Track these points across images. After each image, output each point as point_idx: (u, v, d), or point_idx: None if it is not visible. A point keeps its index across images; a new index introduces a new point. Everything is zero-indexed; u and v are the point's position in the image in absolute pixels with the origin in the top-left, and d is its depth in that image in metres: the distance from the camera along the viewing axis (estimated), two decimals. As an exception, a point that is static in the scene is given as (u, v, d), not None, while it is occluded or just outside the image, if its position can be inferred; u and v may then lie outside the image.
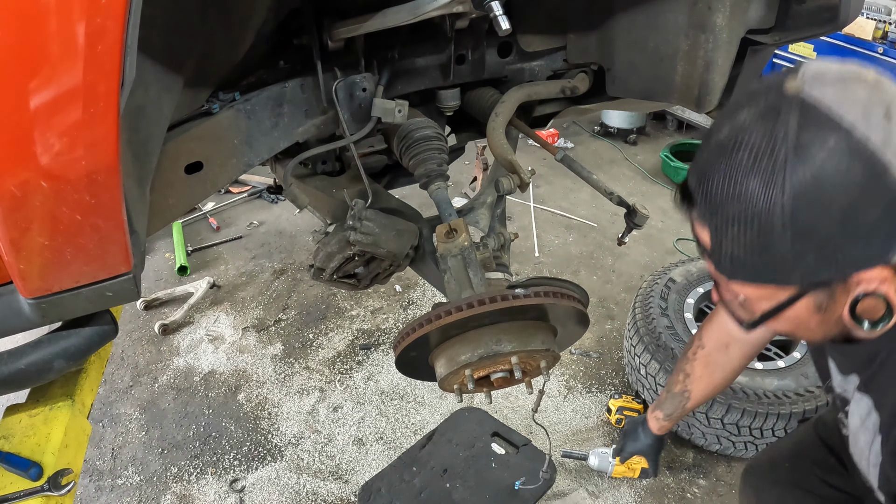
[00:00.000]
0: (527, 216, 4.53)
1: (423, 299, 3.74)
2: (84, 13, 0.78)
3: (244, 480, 2.71)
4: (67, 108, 0.84)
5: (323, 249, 1.71)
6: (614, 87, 1.73)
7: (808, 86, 0.79)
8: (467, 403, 2.99)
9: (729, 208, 0.81)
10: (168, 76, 1.15)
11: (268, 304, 3.74)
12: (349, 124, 1.56)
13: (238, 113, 1.42)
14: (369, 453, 2.82)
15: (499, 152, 1.64)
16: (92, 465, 2.79)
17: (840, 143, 0.75)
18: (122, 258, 1.07)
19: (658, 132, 5.88)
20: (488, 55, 1.76)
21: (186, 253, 4.12)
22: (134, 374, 3.28)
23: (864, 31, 4.02)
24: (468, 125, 2.09)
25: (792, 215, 0.77)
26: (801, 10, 1.42)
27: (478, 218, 1.75)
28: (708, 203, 0.84)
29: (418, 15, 1.23)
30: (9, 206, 0.90)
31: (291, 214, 4.64)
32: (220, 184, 1.47)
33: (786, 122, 0.77)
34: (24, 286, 1.05)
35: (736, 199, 0.80)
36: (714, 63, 1.47)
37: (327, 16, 1.45)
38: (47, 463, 1.33)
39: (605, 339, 3.42)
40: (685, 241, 4.30)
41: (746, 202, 0.79)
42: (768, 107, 0.79)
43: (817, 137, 0.75)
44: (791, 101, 0.78)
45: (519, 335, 1.31)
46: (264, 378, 3.23)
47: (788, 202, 0.76)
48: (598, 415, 2.96)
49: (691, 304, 2.94)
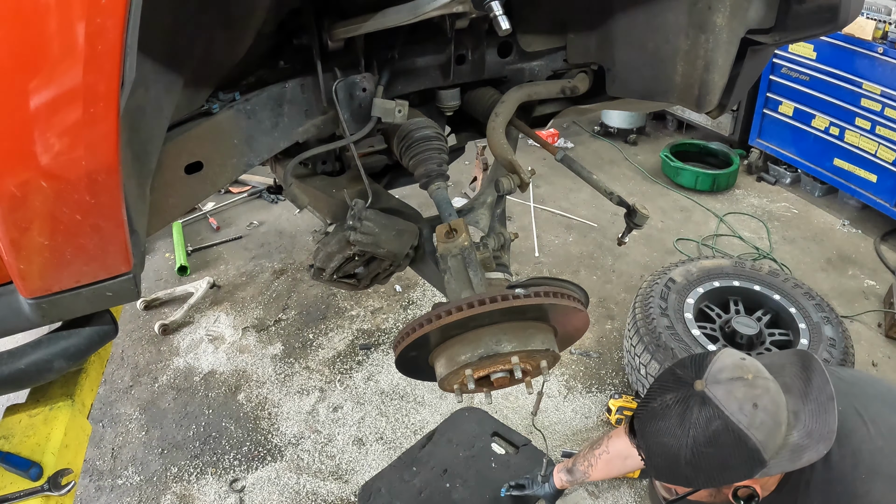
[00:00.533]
0: (527, 216, 4.53)
1: (423, 299, 3.74)
2: (84, 13, 0.78)
3: (244, 480, 2.71)
4: (67, 108, 0.84)
5: (323, 249, 1.71)
6: (614, 87, 1.73)
7: (709, 386, 1.29)
8: (467, 403, 2.99)
9: (655, 448, 1.37)
10: (168, 76, 1.15)
11: (268, 304, 3.74)
12: (349, 124, 1.55)
13: (238, 113, 1.42)
14: (369, 453, 2.82)
15: (499, 152, 1.64)
16: (92, 465, 2.79)
17: (721, 424, 1.27)
18: (122, 258, 1.07)
19: (658, 132, 5.89)
20: (488, 55, 1.76)
21: (186, 253, 4.12)
22: (134, 374, 3.28)
23: (864, 31, 4.02)
24: (468, 125, 2.09)
25: (691, 461, 1.30)
26: (801, 10, 1.42)
27: (478, 218, 1.74)
28: (645, 444, 1.41)
29: (418, 15, 1.23)
30: (9, 206, 0.90)
31: (291, 214, 4.64)
32: (220, 184, 1.47)
33: (692, 411, 1.29)
34: (24, 286, 1.05)
35: (660, 447, 1.35)
36: (714, 63, 1.47)
37: (327, 16, 1.45)
38: (47, 463, 1.33)
39: (605, 339, 3.42)
40: (685, 241, 4.31)
41: (666, 450, 1.34)
42: (684, 396, 1.31)
43: (709, 420, 1.27)
44: (696, 396, 1.30)
45: (519, 335, 1.31)
46: (264, 378, 3.23)
47: (689, 454, 1.30)
48: (598, 415, 2.96)
49: (691, 304, 2.94)
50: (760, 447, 1.27)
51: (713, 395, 1.28)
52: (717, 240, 4.33)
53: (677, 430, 1.30)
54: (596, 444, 2.04)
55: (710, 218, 4.58)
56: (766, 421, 1.28)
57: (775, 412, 1.30)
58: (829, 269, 4.02)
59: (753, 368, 1.33)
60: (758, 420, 1.27)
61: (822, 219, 4.57)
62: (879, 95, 4.02)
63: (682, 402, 1.31)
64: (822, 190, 4.76)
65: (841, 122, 4.32)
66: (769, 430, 1.28)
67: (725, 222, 4.51)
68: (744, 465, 1.29)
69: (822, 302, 2.93)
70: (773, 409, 1.30)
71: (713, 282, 3.06)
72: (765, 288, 3.01)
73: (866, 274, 3.96)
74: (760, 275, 3.09)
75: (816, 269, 4.03)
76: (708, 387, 1.29)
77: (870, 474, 1.32)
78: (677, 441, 1.30)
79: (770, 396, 1.30)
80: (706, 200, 4.77)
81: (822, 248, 4.23)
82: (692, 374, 1.33)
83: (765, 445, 1.28)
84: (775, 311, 2.97)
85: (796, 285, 3.03)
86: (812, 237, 4.36)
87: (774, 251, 4.18)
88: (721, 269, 3.14)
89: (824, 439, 1.29)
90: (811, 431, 1.30)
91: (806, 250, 4.22)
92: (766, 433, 1.28)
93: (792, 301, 2.93)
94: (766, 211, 4.67)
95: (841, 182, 4.47)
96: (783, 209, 4.70)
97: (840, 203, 4.67)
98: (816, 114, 4.49)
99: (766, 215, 4.60)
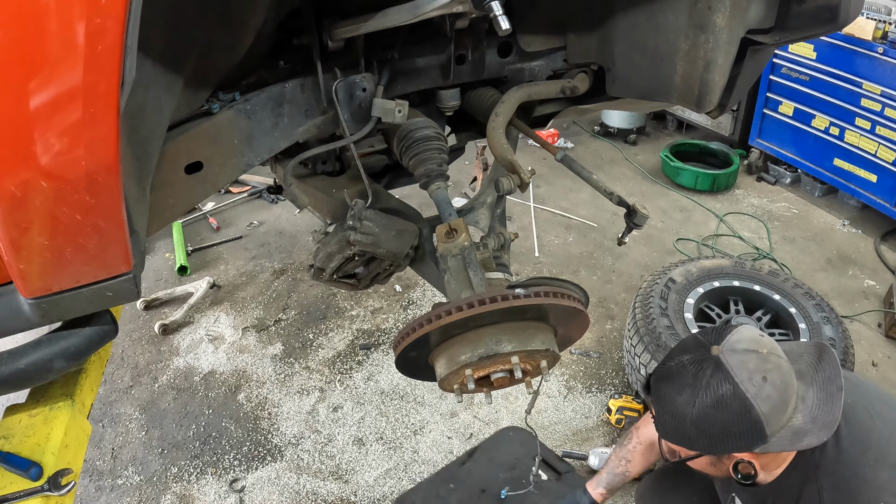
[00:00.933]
0: (527, 216, 4.54)
1: (423, 299, 3.74)
2: (84, 13, 0.78)
3: (244, 480, 2.71)
4: (67, 108, 0.84)
5: (323, 249, 1.71)
6: (614, 87, 1.73)
7: (724, 352, 1.34)
8: (467, 403, 3.00)
9: (664, 405, 1.42)
10: (168, 76, 1.15)
11: (268, 304, 3.74)
12: (349, 124, 1.55)
13: (238, 113, 1.42)
14: (369, 453, 2.82)
15: (499, 152, 1.64)
16: (92, 465, 2.79)
17: (730, 390, 1.31)
18: (122, 258, 1.07)
19: (658, 132, 5.89)
20: (488, 55, 1.76)
21: (186, 253, 4.12)
22: (134, 374, 3.28)
23: (864, 31, 4.02)
24: (468, 125, 2.09)
25: (696, 421, 1.35)
26: (801, 10, 1.42)
27: (478, 218, 1.74)
28: (656, 400, 1.46)
29: (418, 15, 1.23)
30: (9, 206, 0.90)
31: (291, 214, 4.64)
32: (220, 184, 1.47)
33: (706, 372, 1.34)
34: (24, 286, 1.05)
35: (669, 403, 1.40)
36: (714, 63, 1.47)
37: (327, 16, 1.45)
38: (47, 463, 1.32)
39: (605, 339, 3.42)
40: (685, 241, 4.30)
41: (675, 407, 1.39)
42: (699, 358, 1.36)
43: (720, 383, 1.32)
44: (711, 360, 1.34)
45: (519, 335, 1.31)
46: (264, 378, 3.23)
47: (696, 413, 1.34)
48: (598, 415, 2.96)
49: (691, 304, 2.94)
50: (763, 420, 1.31)
51: (727, 361, 1.33)
52: (717, 240, 4.33)
53: (688, 389, 1.35)
54: (624, 442, 2.06)
55: (710, 218, 4.58)
56: (772, 395, 1.31)
57: (783, 390, 1.33)
58: (829, 269, 4.02)
59: (769, 346, 1.37)
60: (764, 392, 1.31)
61: (822, 219, 4.57)
62: (879, 95, 4.02)
63: (697, 363, 1.36)
64: (822, 190, 4.76)
65: (841, 122, 4.32)
66: (774, 405, 1.31)
67: (725, 222, 4.51)
68: (745, 434, 1.33)
69: (822, 302, 2.93)
70: (782, 386, 1.33)
71: (713, 282, 3.06)
72: (765, 288, 3.01)
73: (866, 274, 3.96)
74: (760, 275, 3.09)
75: (816, 269, 4.03)
76: (724, 353, 1.34)
77: (877, 461, 1.35)
78: (686, 400, 1.35)
79: (780, 374, 1.34)
80: (706, 200, 4.77)
81: (822, 248, 4.23)
82: (712, 340, 1.38)
83: (768, 419, 1.31)
84: (775, 311, 2.97)
85: (796, 285, 3.03)
86: (812, 237, 4.36)
87: (774, 251, 4.18)
88: (721, 269, 3.14)
89: (826, 427, 1.33)
90: (816, 417, 1.34)
91: (806, 250, 4.22)
92: (770, 407, 1.31)
93: (792, 301, 2.93)
94: (766, 211, 4.67)
95: (841, 182, 4.47)
96: (783, 209, 4.70)
97: (840, 203, 4.67)
98: (816, 114, 4.49)
99: (766, 215, 4.60)
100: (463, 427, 2.92)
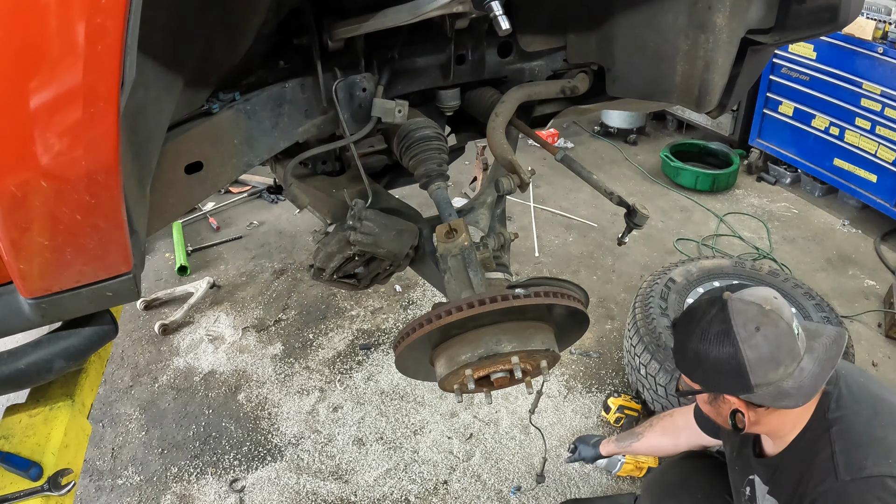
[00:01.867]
0: (527, 216, 4.53)
1: (423, 299, 3.74)
2: (84, 13, 0.78)
3: (244, 480, 2.71)
4: (67, 108, 0.84)
5: (323, 249, 1.71)
6: (614, 87, 1.73)
7: (732, 298, 1.45)
8: (467, 403, 3.00)
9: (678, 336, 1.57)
10: (168, 76, 1.15)
11: (268, 304, 3.74)
12: (349, 124, 1.56)
13: (238, 113, 1.42)
14: (369, 453, 2.82)
15: (499, 152, 1.64)
16: (92, 465, 2.79)
17: (724, 330, 1.43)
18: (122, 258, 1.07)
19: (658, 132, 5.89)
20: (488, 55, 1.76)
21: (186, 253, 4.12)
22: (134, 374, 3.28)
23: (864, 31, 4.02)
24: (468, 125, 2.09)
25: (696, 351, 1.48)
26: (801, 10, 1.42)
27: (478, 218, 1.75)
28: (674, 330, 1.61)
29: (418, 15, 1.23)
30: (9, 206, 0.90)
31: (291, 214, 4.64)
32: (220, 184, 1.47)
33: (711, 311, 1.46)
34: (24, 286, 1.05)
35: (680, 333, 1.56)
36: (714, 63, 1.47)
37: (327, 16, 1.45)
38: (47, 463, 1.33)
39: (605, 339, 3.42)
40: (685, 241, 4.31)
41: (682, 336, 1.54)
42: (713, 300, 1.49)
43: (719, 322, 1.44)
44: (720, 302, 1.46)
45: (519, 335, 1.31)
46: (264, 378, 3.23)
47: (695, 344, 1.48)
48: (597, 415, 2.96)
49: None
50: (748, 367, 1.40)
51: (731, 305, 1.43)
52: (717, 240, 4.33)
53: (693, 324, 1.49)
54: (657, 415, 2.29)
55: (710, 218, 4.58)
56: (761, 346, 1.40)
57: (774, 347, 1.40)
58: (829, 269, 4.02)
59: (777, 306, 1.44)
60: (754, 341, 1.40)
61: (822, 219, 4.57)
62: (879, 95, 4.02)
63: (709, 303, 1.49)
64: (822, 190, 4.76)
65: (841, 122, 4.32)
66: (761, 357, 1.40)
67: (725, 222, 4.51)
68: (731, 376, 1.43)
69: (822, 302, 2.93)
70: (774, 342, 1.40)
71: (713, 282, 3.06)
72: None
73: (866, 274, 3.96)
74: (760, 275, 3.09)
75: (816, 269, 4.03)
76: (732, 299, 1.45)
77: (889, 424, 1.46)
78: (689, 332, 1.50)
79: (775, 332, 1.41)
80: (706, 200, 4.77)
81: (822, 248, 4.23)
82: (733, 290, 1.49)
83: (753, 368, 1.40)
84: (775, 311, 2.96)
85: (796, 285, 3.03)
86: (812, 237, 4.36)
87: (774, 251, 4.18)
88: (721, 269, 3.14)
89: (805, 395, 1.43)
90: (802, 386, 1.42)
91: (806, 250, 4.22)
92: (757, 357, 1.40)
93: (792, 301, 2.93)
94: (766, 211, 4.67)
95: (841, 182, 4.47)
96: (783, 209, 4.70)
97: (840, 203, 4.67)
98: (816, 114, 4.49)
99: (766, 215, 4.60)
100: (463, 427, 2.92)
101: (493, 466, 2.73)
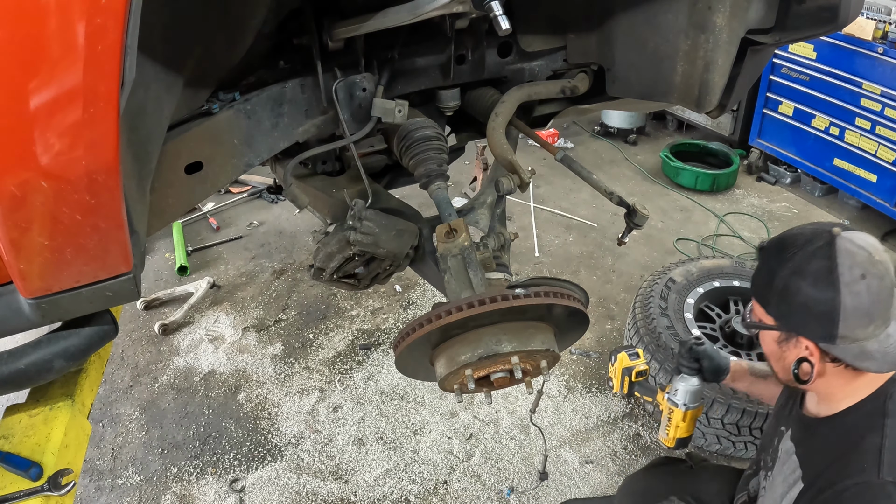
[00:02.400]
0: (527, 216, 4.53)
1: (423, 299, 3.74)
2: (84, 13, 0.78)
3: (244, 480, 2.71)
4: (67, 108, 0.84)
5: (323, 249, 1.71)
6: (614, 87, 1.73)
7: (842, 236, 1.31)
8: (467, 403, 3.00)
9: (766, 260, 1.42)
10: (168, 76, 1.15)
11: (268, 304, 3.74)
12: (349, 124, 1.56)
13: (238, 113, 1.42)
14: (369, 453, 2.82)
15: (499, 152, 1.64)
16: (92, 465, 2.79)
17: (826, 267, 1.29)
18: (122, 258, 1.07)
19: (658, 132, 5.89)
20: (488, 55, 1.76)
21: (186, 253, 4.12)
22: (134, 374, 3.28)
23: (864, 31, 4.02)
24: (468, 125, 2.09)
25: (786, 282, 1.34)
26: (801, 10, 1.42)
27: (478, 218, 1.75)
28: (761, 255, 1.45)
29: (418, 15, 1.23)
30: (9, 206, 0.90)
31: (291, 214, 4.64)
32: (220, 184, 1.47)
33: (815, 244, 1.32)
34: (24, 286, 1.05)
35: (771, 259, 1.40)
36: (714, 63, 1.47)
37: (327, 16, 1.45)
38: (47, 463, 1.33)
39: (605, 339, 3.42)
40: (685, 241, 4.31)
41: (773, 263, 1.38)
42: (818, 231, 1.35)
43: (823, 258, 1.29)
44: (828, 236, 1.31)
45: (519, 335, 1.31)
46: (264, 378, 3.23)
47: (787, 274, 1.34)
48: (597, 414, 2.96)
49: (691, 304, 2.94)
50: (842, 312, 1.27)
51: (839, 243, 1.29)
52: (717, 240, 4.33)
53: (791, 251, 1.34)
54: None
55: (710, 218, 4.58)
56: (861, 294, 1.27)
57: (874, 300, 1.28)
58: (829, 269, 4.02)
59: (884, 259, 1.32)
60: (857, 288, 1.27)
61: (822, 219, 4.57)
62: (879, 95, 4.02)
63: (813, 234, 1.34)
64: (822, 190, 4.76)
65: (841, 122, 4.32)
66: (858, 307, 1.28)
67: (725, 222, 4.51)
68: (819, 320, 1.30)
69: (822, 302, 2.93)
70: (875, 296, 1.28)
71: (713, 282, 3.06)
72: (765, 288, 3.01)
73: (866, 274, 3.96)
74: (760, 275, 3.09)
75: (816, 269, 4.03)
76: (841, 236, 1.31)
77: None
78: (783, 260, 1.35)
79: (880, 284, 1.28)
80: (706, 200, 4.77)
81: (822, 248, 4.23)
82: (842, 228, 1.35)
83: (846, 315, 1.27)
84: (775, 311, 2.96)
85: (796, 285, 3.02)
86: (812, 237, 4.35)
87: (774, 251, 4.18)
88: (721, 269, 3.14)
89: (889, 363, 1.32)
90: (887, 353, 1.31)
91: (806, 250, 4.21)
92: (854, 305, 1.27)
93: (792, 301, 2.92)
94: (766, 211, 4.67)
95: (841, 182, 4.47)
96: (783, 209, 4.70)
97: (840, 203, 4.67)
98: (816, 114, 4.49)
99: (766, 215, 4.60)
100: (463, 427, 2.92)
101: (493, 466, 2.73)
